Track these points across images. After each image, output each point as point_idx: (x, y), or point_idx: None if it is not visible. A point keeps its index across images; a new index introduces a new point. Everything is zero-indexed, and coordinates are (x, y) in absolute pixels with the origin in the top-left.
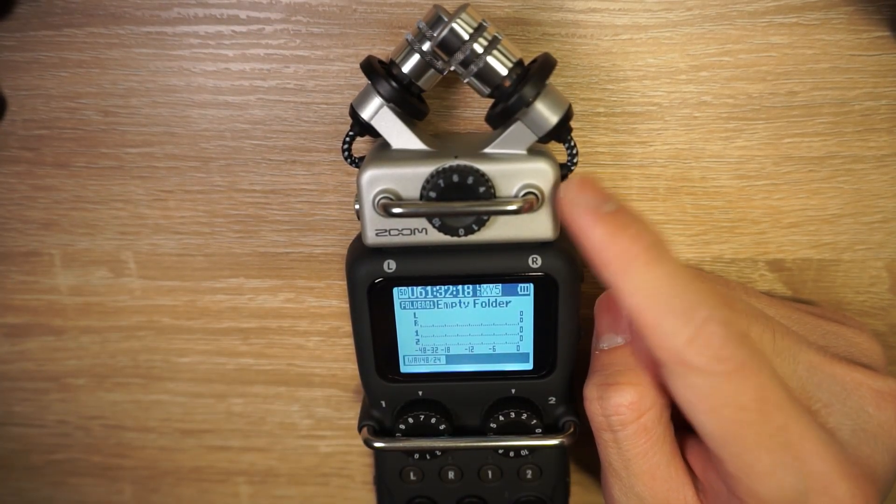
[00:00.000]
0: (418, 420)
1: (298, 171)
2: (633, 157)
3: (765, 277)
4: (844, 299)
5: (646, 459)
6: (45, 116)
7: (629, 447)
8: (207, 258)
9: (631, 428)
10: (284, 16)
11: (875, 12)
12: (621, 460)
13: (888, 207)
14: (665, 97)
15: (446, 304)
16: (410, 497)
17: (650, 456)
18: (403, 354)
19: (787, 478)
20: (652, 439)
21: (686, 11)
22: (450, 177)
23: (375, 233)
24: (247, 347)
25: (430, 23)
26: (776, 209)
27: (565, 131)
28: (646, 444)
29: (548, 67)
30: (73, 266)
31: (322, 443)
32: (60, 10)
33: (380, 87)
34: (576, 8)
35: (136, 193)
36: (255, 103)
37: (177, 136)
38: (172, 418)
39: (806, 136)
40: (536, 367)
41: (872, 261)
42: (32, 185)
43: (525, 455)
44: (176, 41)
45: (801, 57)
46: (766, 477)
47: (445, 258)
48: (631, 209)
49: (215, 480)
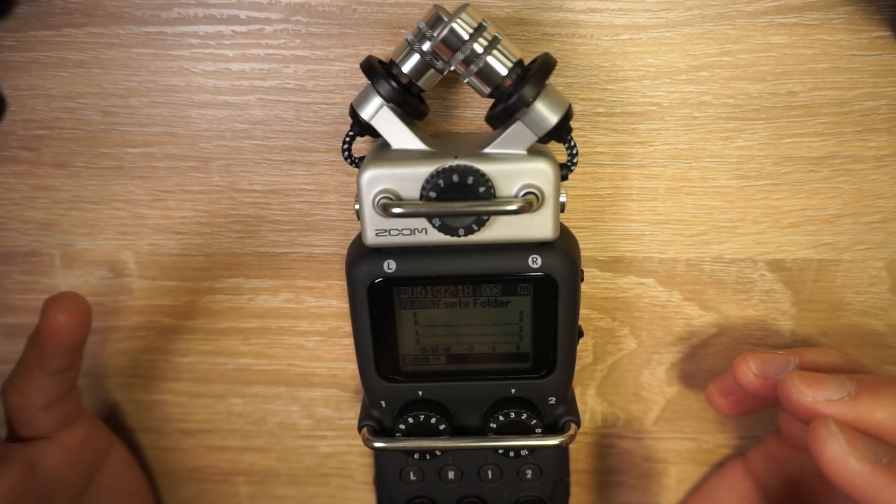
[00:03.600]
0: (418, 420)
1: (298, 171)
2: (633, 157)
3: (765, 277)
4: (844, 299)
5: None
6: (45, 116)
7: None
8: (207, 258)
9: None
10: (284, 16)
11: (875, 12)
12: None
13: (888, 207)
14: (665, 97)
15: (446, 304)
16: (410, 497)
17: None
18: (403, 354)
19: None
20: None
21: (686, 11)
22: (450, 177)
23: (375, 233)
24: (247, 347)
25: (430, 23)
26: (776, 209)
27: (565, 131)
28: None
29: (548, 67)
30: (73, 266)
31: (322, 443)
32: (60, 10)
33: (380, 87)
34: (576, 8)
35: (136, 193)
36: (255, 103)
37: (177, 136)
38: (172, 418)
39: (806, 136)
40: (536, 367)
41: (872, 261)
42: (32, 185)
43: (525, 455)
44: (176, 41)
45: (801, 57)
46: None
47: (445, 258)
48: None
49: (215, 480)
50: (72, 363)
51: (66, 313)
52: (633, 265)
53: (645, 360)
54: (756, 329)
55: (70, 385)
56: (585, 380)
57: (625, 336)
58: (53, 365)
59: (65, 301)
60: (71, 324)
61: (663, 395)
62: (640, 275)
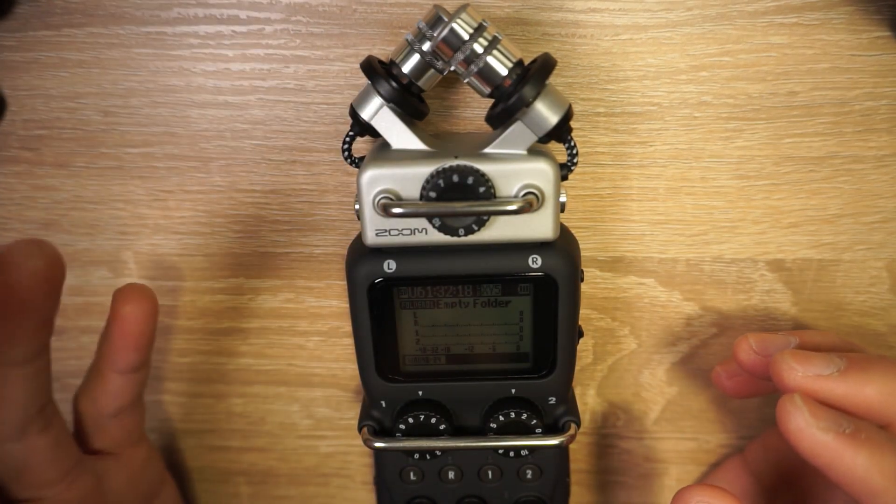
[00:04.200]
0: (418, 420)
1: (298, 171)
2: (633, 157)
3: (765, 277)
4: (844, 299)
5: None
6: (45, 116)
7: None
8: (207, 258)
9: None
10: (284, 16)
11: (875, 12)
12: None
13: (888, 207)
14: (665, 97)
15: (446, 304)
16: (410, 497)
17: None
18: (403, 354)
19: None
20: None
21: (686, 11)
22: (450, 177)
23: (375, 233)
24: (247, 347)
25: (430, 23)
26: (776, 209)
27: (565, 131)
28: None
29: (548, 67)
30: (73, 266)
31: (322, 443)
32: (60, 10)
33: (380, 87)
34: (576, 8)
35: (136, 193)
36: (255, 103)
37: (177, 136)
38: (172, 418)
39: (806, 136)
40: (536, 367)
41: (872, 261)
42: (32, 185)
43: (525, 455)
44: (176, 41)
45: (801, 57)
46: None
47: (445, 258)
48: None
49: (215, 480)
50: (141, 362)
51: (132, 303)
52: (633, 265)
53: (645, 360)
54: (756, 329)
55: (138, 392)
56: (585, 380)
57: (625, 336)
58: (123, 361)
59: (131, 291)
60: (138, 312)
61: (663, 395)
62: (641, 275)
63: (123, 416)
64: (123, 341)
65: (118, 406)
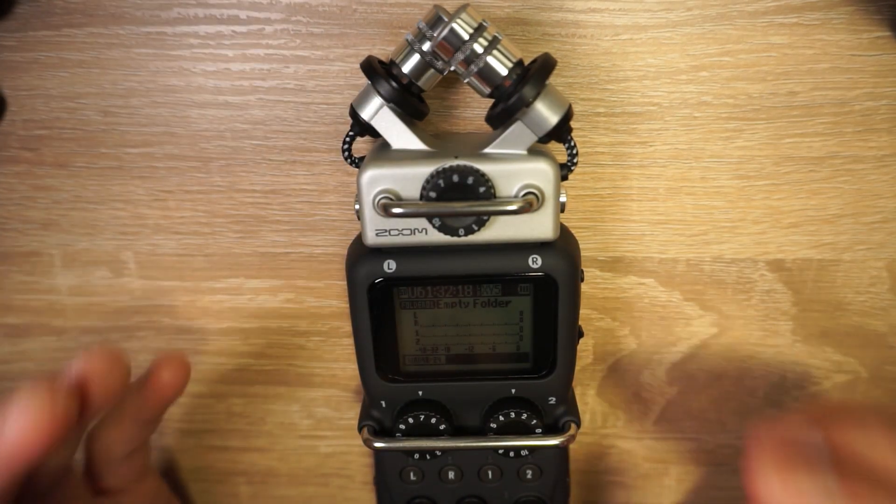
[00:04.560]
0: (418, 420)
1: (298, 171)
2: (633, 157)
3: (765, 277)
4: (844, 299)
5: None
6: (45, 116)
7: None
8: (207, 258)
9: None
10: (284, 16)
11: (875, 12)
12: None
13: (888, 207)
14: (665, 97)
15: (446, 304)
16: (410, 497)
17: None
18: (403, 354)
19: None
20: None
21: (686, 11)
22: (450, 177)
23: (375, 233)
24: (247, 347)
25: (430, 23)
26: (776, 209)
27: (565, 131)
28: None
29: (548, 67)
30: (73, 266)
31: (322, 443)
32: (60, 10)
33: (380, 87)
34: (576, 8)
35: (136, 193)
36: (255, 103)
37: (177, 136)
38: (172, 418)
39: (806, 136)
40: (536, 367)
41: (872, 261)
42: (32, 185)
43: (525, 455)
44: (176, 41)
45: (801, 57)
46: None
47: (445, 258)
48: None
49: (215, 480)
50: (160, 416)
51: (173, 372)
52: (633, 265)
53: (645, 360)
54: (756, 329)
55: (148, 436)
56: (585, 380)
57: (625, 336)
58: (148, 415)
59: (174, 361)
60: (175, 382)
61: (663, 395)
62: (641, 275)
63: (133, 456)
64: (155, 402)
65: (131, 449)
